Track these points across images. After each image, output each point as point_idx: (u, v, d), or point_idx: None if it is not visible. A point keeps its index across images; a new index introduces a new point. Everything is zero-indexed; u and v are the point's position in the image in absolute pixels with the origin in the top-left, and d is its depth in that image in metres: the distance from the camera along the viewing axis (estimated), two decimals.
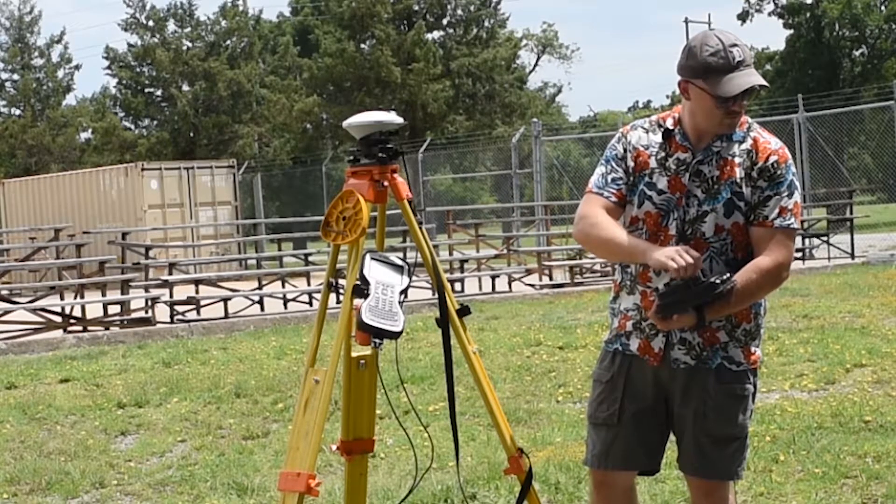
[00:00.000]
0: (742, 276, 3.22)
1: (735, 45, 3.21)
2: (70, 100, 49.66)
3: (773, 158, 3.29)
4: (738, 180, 3.29)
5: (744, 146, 3.32)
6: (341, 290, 3.52)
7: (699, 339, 3.33)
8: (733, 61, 3.19)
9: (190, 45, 43.08)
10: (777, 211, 3.28)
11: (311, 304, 15.87)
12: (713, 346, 3.34)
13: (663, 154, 3.37)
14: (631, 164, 3.41)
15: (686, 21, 58.39)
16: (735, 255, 3.31)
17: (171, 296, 14.52)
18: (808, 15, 45.37)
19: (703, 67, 3.20)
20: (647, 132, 3.44)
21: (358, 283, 3.31)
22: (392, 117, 3.48)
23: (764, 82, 3.23)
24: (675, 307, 3.19)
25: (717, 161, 3.31)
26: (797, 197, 3.33)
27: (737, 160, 3.30)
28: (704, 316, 3.19)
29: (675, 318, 3.20)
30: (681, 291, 3.18)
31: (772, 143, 3.33)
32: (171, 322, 13.96)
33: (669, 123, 3.39)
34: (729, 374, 3.35)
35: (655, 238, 3.33)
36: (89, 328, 13.67)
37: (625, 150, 3.44)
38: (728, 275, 3.19)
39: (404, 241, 16.94)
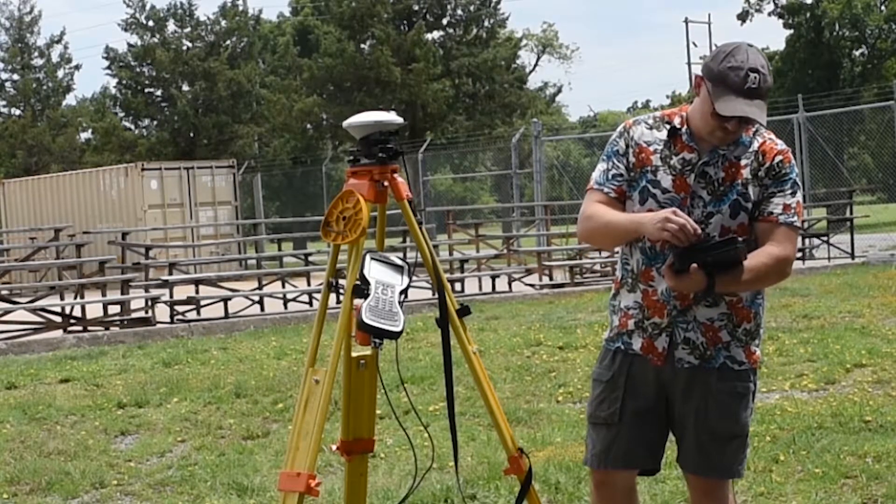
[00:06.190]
0: (753, 258, 3.23)
1: (757, 71, 3.18)
2: (70, 100, 49.76)
3: (778, 158, 3.33)
4: (744, 182, 3.30)
5: (751, 148, 3.34)
6: (341, 290, 3.51)
7: (703, 339, 3.34)
8: (744, 86, 3.17)
9: (190, 45, 43.01)
10: (781, 207, 3.30)
11: (311, 304, 15.86)
12: (716, 346, 3.35)
13: (668, 152, 3.37)
14: (632, 159, 3.42)
15: (686, 21, 58.49)
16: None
17: (171, 296, 14.52)
18: (808, 15, 45.33)
19: (718, 75, 3.20)
20: (651, 128, 3.43)
21: (358, 283, 3.31)
22: (392, 117, 3.47)
23: (761, 121, 3.20)
24: (691, 257, 3.15)
25: (723, 163, 3.32)
26: (799, 196, 3.36)
27: (743, 162, 3.32)
28: (714, 283, 3.17)
29: (690, 274, 3.15)
30: (697, 245, 3.16)
31: (778, 144, 3.37)
32: (171, 322, 13.96)
33: (677, 122, 3.39)
34: (731, 373, 3.37)
35: None
36: (89, 328, 13.67)
37: (626, 146, 3.44)
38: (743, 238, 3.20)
39: (404, 241, 16.95)
